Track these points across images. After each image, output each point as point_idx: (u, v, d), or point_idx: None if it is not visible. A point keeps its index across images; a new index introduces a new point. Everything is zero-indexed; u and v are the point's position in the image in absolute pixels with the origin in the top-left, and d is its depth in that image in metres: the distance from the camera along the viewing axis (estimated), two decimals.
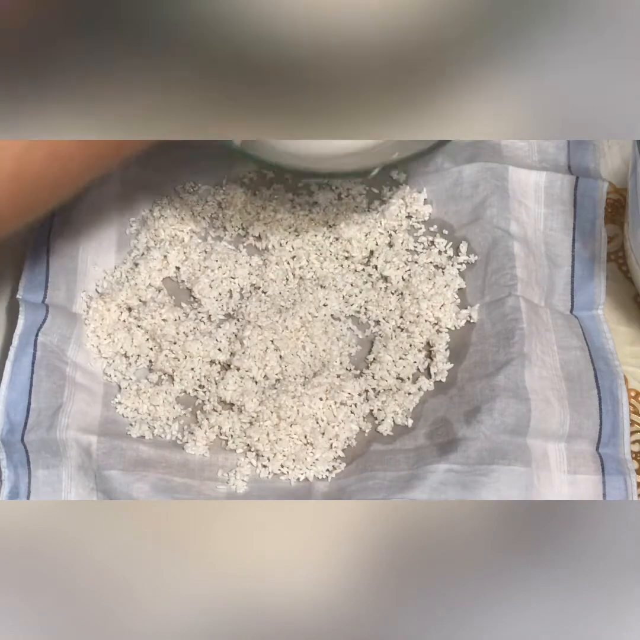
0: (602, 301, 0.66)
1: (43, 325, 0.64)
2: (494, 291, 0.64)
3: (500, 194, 0.67)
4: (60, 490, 0.59)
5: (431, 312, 0.65)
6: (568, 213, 0.68)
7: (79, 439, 0.60)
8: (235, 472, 0.61)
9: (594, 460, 0.60)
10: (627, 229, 0.64)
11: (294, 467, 0.61)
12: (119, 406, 0.63)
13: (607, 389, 0.62)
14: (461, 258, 0.67)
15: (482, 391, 0.60)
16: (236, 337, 0.65)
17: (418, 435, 0.61)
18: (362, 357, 0.66)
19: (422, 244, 0.68)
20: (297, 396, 0.62)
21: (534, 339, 0.62)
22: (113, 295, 0.66)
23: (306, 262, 0.68)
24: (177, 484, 0.60)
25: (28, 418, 0.61)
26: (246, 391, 0.63)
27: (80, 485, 0.59)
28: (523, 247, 0.66)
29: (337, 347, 0.65)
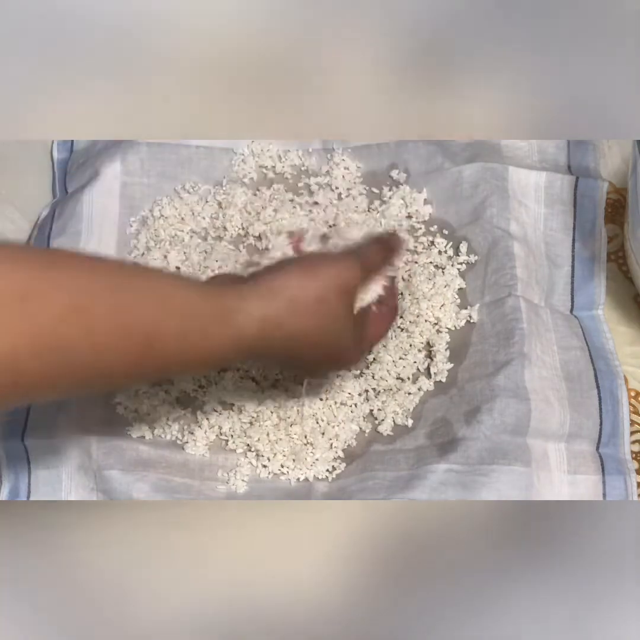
0: (602, 301, 0.66)
1: None
2: (494, 291, 0.64)
3: (500, 194, 0.67)
4: (60, 490, 0.59)
5: (431, 312, 0.65)
6: (568, 213, 0.68)
7: (79, 439, 0.60)
8: (235, 472, 0.61)
9: (594, 460, 0.60)
10: (627, 229, 0.64)
11: (294, 467, 0.61)
12: (119, 406, 0.63)
13: (607, 389, 0.62)
14: (461, 258, 0.67)
15: (482, 391, 0.60)
16: None
17: (418, 435, 0.61)
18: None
19: (422, 244, 0.68)
20: (297, 396, 0.62)
21: (534, 339, 0.62)
22: None
23: None
24: (177, 484, 0.60)
25: (28, 418, 0.61)
26: (246, 391, 0.63)
27: (80, 485, 0.59)
28: (523, 247, 0.66)
29: None
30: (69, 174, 0.72)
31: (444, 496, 0.57)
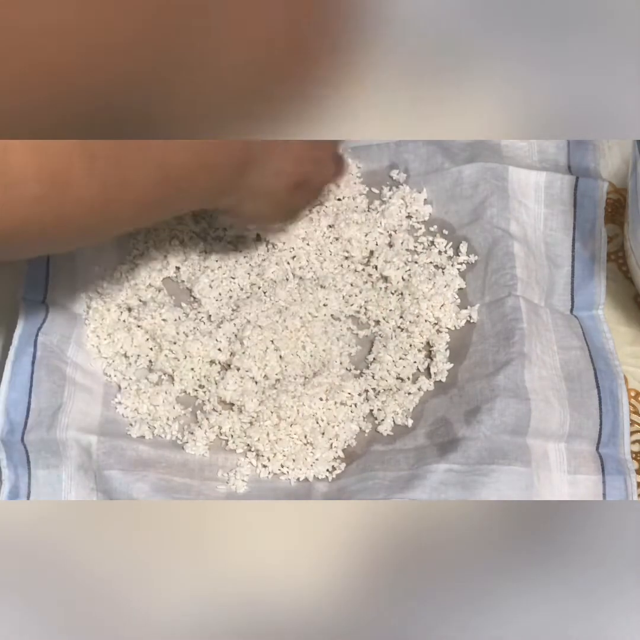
0: (602, 301, 0.66)
1: (43, 325, 0.64)
2: (494, 291, 0.64)
3: (500, 194, 0.67)
4: (60, 490, 0.59)
5: (431, 312, 0.65)
6: (568, 213, 0.68)
7: (79, 439, 0.60)
8: (235, 472, 0.61)
9: (594, 460, 0.60)
10: (627, 229, 0.64)
11: (294, 467, 0.61)
12: (119, 406, 0.63)
13: (607, 389, 0.62)
14: (461, 258, 0.67)
15: (482, 391, 0.60)
16: (236, 337, 0.65)
17: (418, 435, 0.61)
18: (362, 357, 0.66)
19: (422, 244, 0.68)
20: (297, 396, 0.62)
21: (534, 339, 0.62)
22: (113, 295, 0.66)
23: (306, 262, 0.68)
24: (177, 484, 0.60)
25: (28, 418, 0.61)
26: (246, 391, 0.63)
27: (80, 485, 0.59)
28: (523, 247, 0.66)
29: (337, 347, 0.65)
30: None
31: (444, 496, 0.57)
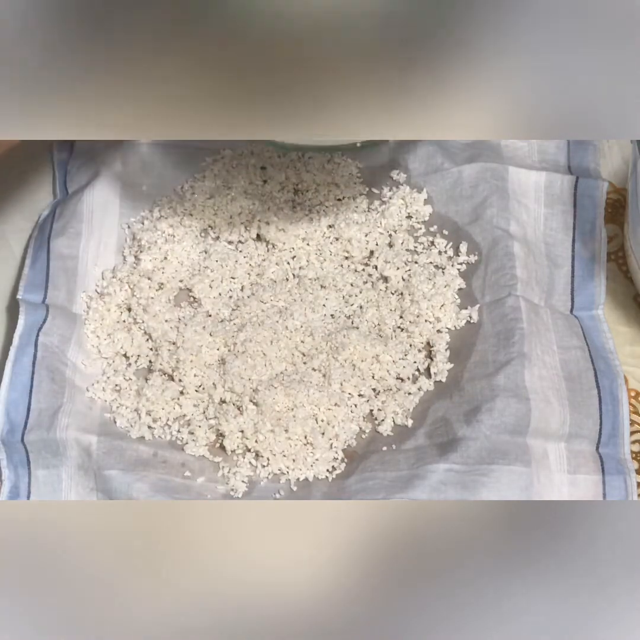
0: (602, 301, 0.66)
1: (43, 326, 0.64)
2: (494, 291, 0.64)
3: (500, 194, 0.67)
4: (60, 490, 0.59)
5: (431, 312, 0.65)
6: (568, 213, 0.68)
7: (79, 439, 0.60)
8: (235, 472, 0.61)
9: (594, 460, 0.60)
10: (627, 229, 0.64)
11: (294, 467, 0.61)
12: (119, 406, 0.63)
13: (607, 389, 0.62)
14: (461, 258, 0.67)
15: (482, 391, 0.60)
16: (236, 337, 0.65)
17: (418, 435, 0.61)
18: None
19: (422, 244, 0.68)
20: (297, 396, 0.62)
21: (534, 339, 0.62)
22: (113, 295, 0.66)
23: (306, 262, 0.68)
24: (177, 484, 0.60)
25: (28, 418, 0.61)
26: (246, 391, 0.63)
27: (80, 485, 0.59)
28: (523, 247, 0.66)
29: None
30: (70, 174, 0.72)
31: (444, 496, 0.57)
